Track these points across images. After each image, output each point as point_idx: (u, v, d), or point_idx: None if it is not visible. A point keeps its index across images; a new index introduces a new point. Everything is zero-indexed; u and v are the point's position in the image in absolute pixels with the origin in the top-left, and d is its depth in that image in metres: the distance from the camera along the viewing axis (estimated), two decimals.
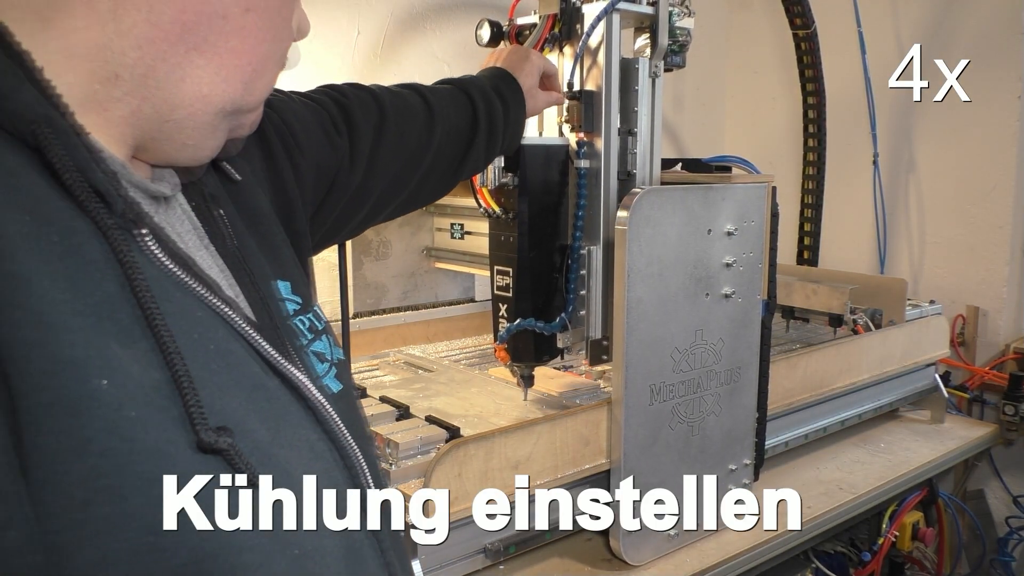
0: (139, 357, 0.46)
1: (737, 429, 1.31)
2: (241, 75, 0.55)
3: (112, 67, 0.50)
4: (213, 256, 0.60)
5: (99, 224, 0.47)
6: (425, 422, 1.30)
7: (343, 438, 0.60)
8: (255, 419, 0.52)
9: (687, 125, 2.64)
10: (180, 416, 0.46)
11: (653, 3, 1.30)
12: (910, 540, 1.74)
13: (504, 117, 1.15)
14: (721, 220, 1.22)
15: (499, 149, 1.18)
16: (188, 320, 0.51)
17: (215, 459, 0.47)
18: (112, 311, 0.46)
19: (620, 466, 1.18)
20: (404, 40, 1.92)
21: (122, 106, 0.51)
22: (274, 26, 0.57)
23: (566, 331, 1.30)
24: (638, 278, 1.13)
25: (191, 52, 0.52)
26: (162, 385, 0.46)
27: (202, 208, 0.61)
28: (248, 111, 0.59)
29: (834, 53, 2.19)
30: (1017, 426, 1.90)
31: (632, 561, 1.21)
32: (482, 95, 1.12)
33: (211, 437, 0.46)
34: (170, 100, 0.52)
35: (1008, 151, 2.05)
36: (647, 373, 1.17)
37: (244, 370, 0.54)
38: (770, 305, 1.35)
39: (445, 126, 1.07)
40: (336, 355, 0.69)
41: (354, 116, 0.95)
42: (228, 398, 0.50)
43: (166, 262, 0.52)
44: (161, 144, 0.55)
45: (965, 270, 2.15)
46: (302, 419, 0.57)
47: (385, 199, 1.03)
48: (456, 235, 1.76)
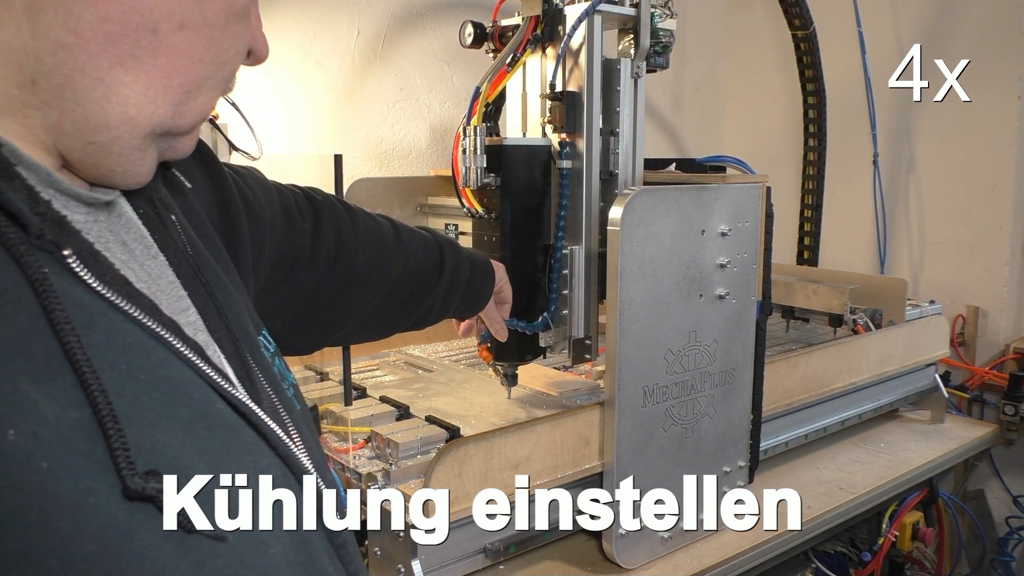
0: (56, 395, 0.42)
1: (731, 431, 1.31)
2: (171, 96, 0.51)
3: (28, 72, 0.46)
4: (162, 266, 0.56)
5: (10, 250, 0.43)
6: (425, 422, 1.31)
7: (298, 459, 0.56)
8: (193, 453, 0.47)
9: (687, 125, 2.64)
10: (104, 460, 0.42)
11: (635, 4, 1.30)
12: (910, 540, 1.74)
13: (468, 279, 1.14)
14: (715, 220, 1.21)
15: (453, 308, 1.16)
16: (115, 349, 0.46)
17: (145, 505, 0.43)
18: (25, 346, 0.42)
19: (613, 468, 1.18)
20: (404, 41, 1.92)
21: (41, 116, 0.47)
22: (213, 47, 0.53)
23: (548, 330, 1.31)
24: (631, 279, 1.13)
25: (115, 67, 0.48)
26: (84, 425, 0.42)
27: (151, 215, 0.58)
28: (180, 135, 0.55)
29: (834, 53, 2.18)
30: (1017, 426, 1.89)
31: (625, 564, 1.21)
32: (452, 250, 1.12)
33: (137, 484, 0.42)
34: (93, 120, 0.49)
35: (1008, 151, 2.04)
36: (640, 375, 1.17)
37: (183, 399, 0.49)
38: (765, 306, 1.35)
39: (409, 258, 1.05)
40: (288, 378, 0.66)
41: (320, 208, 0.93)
42: (161, 433, 0.46)
43: (95, 284, 0.47)
44: (88, 168, 0.51)
45: (965, 270, 2.15)
46: (250, 445, 0.53)
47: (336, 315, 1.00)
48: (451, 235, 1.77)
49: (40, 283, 0.43)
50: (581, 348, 1.35)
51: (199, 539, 0.45)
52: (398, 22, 1.90)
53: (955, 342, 2.12)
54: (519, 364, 1.39)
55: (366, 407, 1.36)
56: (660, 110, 2.54)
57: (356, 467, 1.19)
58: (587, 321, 1.33)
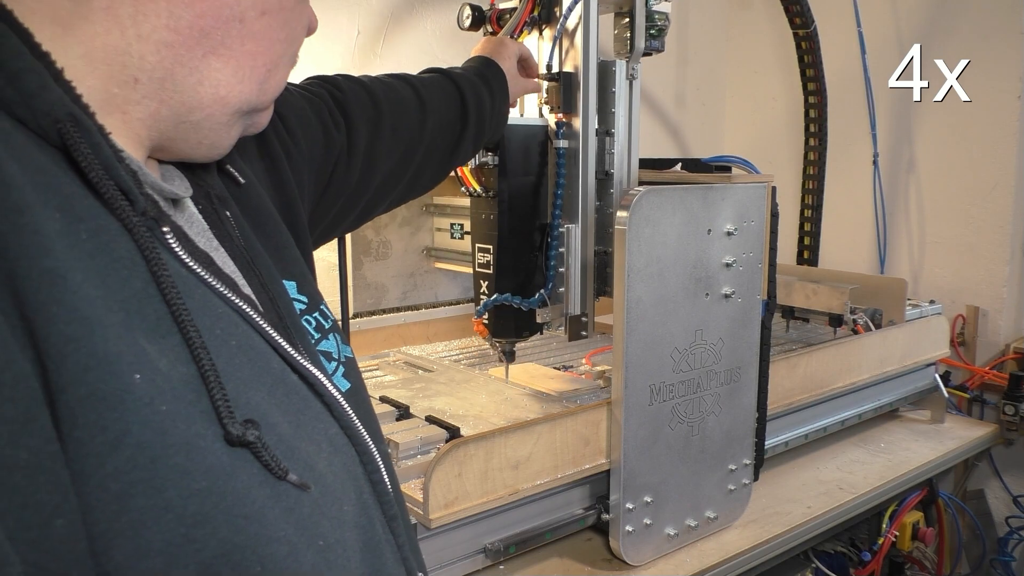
0: (167, 352, 0.47)
1: (737, 429, 1.31)
2: (256, 76, 0.57)
3: (131, 71, 0.51)
4: (224, 257, 0.60)
5: (125, 222, 0.48)
6: (425, 422, 1.30)
7: (360, 433, 0.60)
8: (278, 413, 0.53)
9: (688, 124, 2.64)
10: (208, 410, 0.47)
11: None
12: (910, 540, 1.74)
13: (491, 107, 1.17)
14: (721, 220, 1.21)
15: (485, 139, 1.20)
16: (211, 316, 0.52)
17: (243, 452, 0.48)
18: (140, 307, 0.47)
19: (620, 466, 1.17)
20: (404, 40, 1.92)
21: (141, 109, 0.52)
22: (288, 27, 0.59)
23: (545, 307, 1.32)
24: (638, 278, 1.13)
25: (208, 55, 0.53)
26: (190, 379, 0.47)
27: (209, 210, 0.62)
28: (262, 110, 0.60)
29: (834, 53, 2.18)
30: (1017, 426, 1.90)
31: (632, 561, 1.21)
32: (471, 87, 1.14)
33: (239, 430, 0.47)
34: (188, 102, 0.54)
35: (1008, 151, 2.04)
36: (647, 373, 1.17)
37: (265, 366, 0.54)
38: (770, 305, 1.35)
39: (436, 119, 1.08)
40: (344, 353, 0.70)
41: (350, 110, 0.96)
42: (252, 392, 0.51)
43: (188, 260, 0.52)
44: (177, 143, 0.56)
45: (965, 270, 2.15)
46: (320, 414, 0.58)
47: (382, 192, 1.04)
48: (456, 235, 1.76)
49: (150, 252, 0.48)
50: (578, 325, 1.36)
51: (287, 487, 0.50)
52: (398, 21, 1.90)
53: (955, 342, 2.13)
54: (516, 341, 1.40)
55: None
56: (661, 108, 2.54)
57: None
58: (583, 298, 1.34)
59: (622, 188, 1.35)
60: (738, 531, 1.35)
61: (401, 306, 1.85)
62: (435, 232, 1.87)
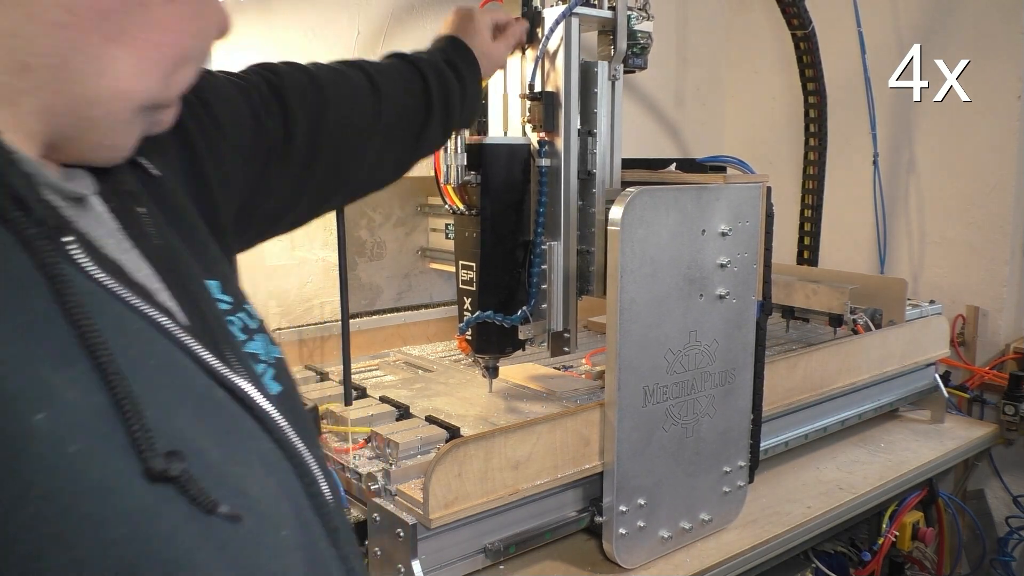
0: (77, 380, 0.42)
1: (732, 431, 1.31)
2: (161, 69, 0.52)
3: (21, 56, 0.45)
4: (138, 259, 0.55)
5: (19, 235, 0.42)
6: (425, 422, 1.31)
7: (294, 446, 0.56)
8: (205, 437, 0.47)
9: (688, 124, 2.64)
10: (125, 444, 0.42)
11: (612, 7, 1.34)
12: (910, 540, 1.74)
13: (459, 90, 1.12)
14: (715, 220, 1.21)
15: (456, 123, 1.16)
16: (125, 334, 0.46)
17: (167, 487, 0.43)
18: (42, 332, 0.42)
19: (613, 468, 1.18)
20: (404, 40, 1.92)
21: (33, 100, 0.46)
22: (197, 19, 0.54)
23: (528, 323, 1.34)
24: (631, 279, 1.13)
25: (108, 43, 0.48)
26: (103, 410, 0.42)
27: (120, 208, 0.57)
28: (166, 107, 0.56)
29: (834, 53, 2.18)
30: (1017, 426, 1.89)
31: (626, 564, 1.21)
32: (433, 70, 1.08)
33: (161, 464, 0.42)
34: (86, 95, 0.48)
35: (1008, 151, 2.04)
36: (640, 374, 1.17)
37: (189, 384, 0.50)
38: (765, 306, 1.35)
39: (393, 105, 1.02)
40: (273, 354, 0.65)
41: (287, 96, 0.88)
42: (175, 417, 0.46)
43: (95, 272, 0.47)
44: (74, 143, 0.51)
45: (965, 270, 2.14)
46: (252, 431, 0.53)
47: (333, 183, 0.97)
48: (450, 236, 1.77)
49: (52, 268, 0.42)
50: (560, 341, 1.38)
51: (218, 521, 0.45)
52: (398, 21, 1.90)
53: (955, 342, 2.12)
54: (500, 356, 1.41)
55: (366, 407, 1.36)
56: (661, 108, 2.54)
57: (356, 467, 1.19)
58: (566, 314, 1.36)
59: (604, 188, 1.36)
60: (738, 531, 1.35)
61: (396, 307, 1.86)
62: (430, 233, 1.87)
